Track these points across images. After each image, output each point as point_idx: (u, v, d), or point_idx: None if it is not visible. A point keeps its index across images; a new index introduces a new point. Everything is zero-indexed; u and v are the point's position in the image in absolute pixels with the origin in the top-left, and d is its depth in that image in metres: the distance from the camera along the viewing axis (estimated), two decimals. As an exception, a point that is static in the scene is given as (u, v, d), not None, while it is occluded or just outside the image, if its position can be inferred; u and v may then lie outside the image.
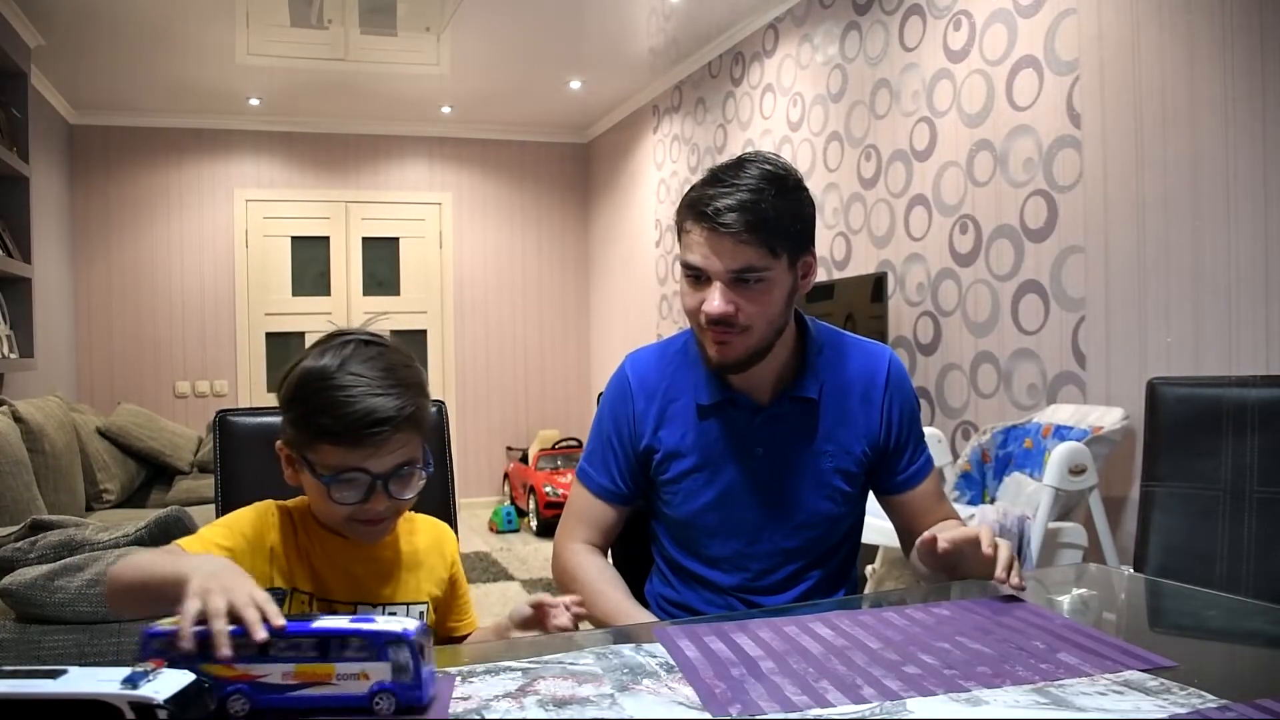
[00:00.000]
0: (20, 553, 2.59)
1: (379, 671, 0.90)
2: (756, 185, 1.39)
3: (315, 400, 1.17)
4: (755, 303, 1.42)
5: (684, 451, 1.55)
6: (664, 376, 1.60)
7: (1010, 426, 3.13)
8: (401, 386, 1.20)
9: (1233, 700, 0.91)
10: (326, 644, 0.90)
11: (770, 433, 1.54)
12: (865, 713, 0.90)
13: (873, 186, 4.13)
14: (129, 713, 0.74)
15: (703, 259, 1.41)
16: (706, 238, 1.40)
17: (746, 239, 1.37)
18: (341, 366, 1.19)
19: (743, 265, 1.39)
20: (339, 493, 1.18)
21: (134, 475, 4.92)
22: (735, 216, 1.37)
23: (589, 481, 1.63)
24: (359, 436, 1.16)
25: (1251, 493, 1.72)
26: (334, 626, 0.90)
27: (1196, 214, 2.71)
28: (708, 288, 1.42)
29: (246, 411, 1.57)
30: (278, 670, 0.89)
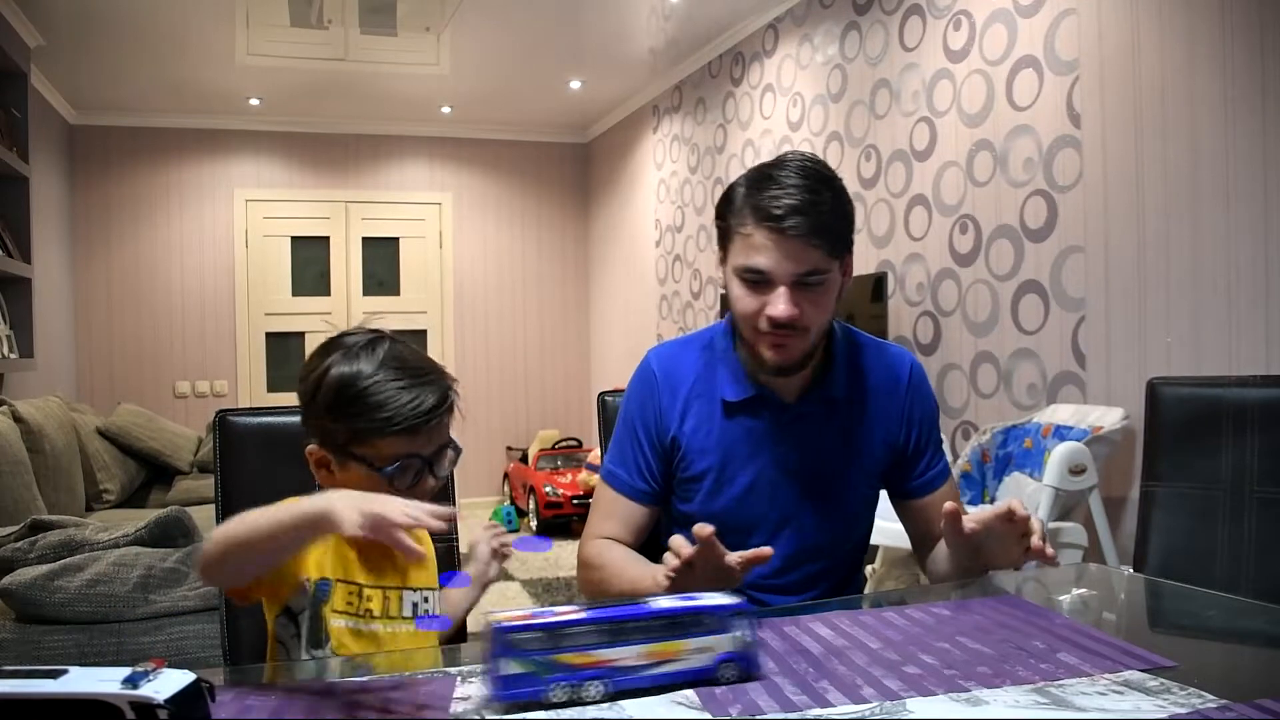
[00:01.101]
0: (20, 553, 2.60)
1: (723, 643, 0.98)
2: (814, 186, 1.40)
3: (368, 399, 1.23)
4: (816, 305, 1.42)
5: (708, 448, 1.54)
6: (690, 371, 1.58)
7: (1010, 426, 3.13)
8: (436, 374, 1.29)
9: (1233, 700, 0.91)
10: (676, 622, 0.97)
11: (796, 432, 1.54)
12: (865, 713, 0.90)
13: (873, 186, 4.13)
14: (129, 712, 0.74)
15: (769, 263, 1.40)
16: (774, 241, 1.39)
17: (814, 242, 1.38)
18: (382, 365, 1.25)
19: (808, 269, 1.40)
20: (400, 480, 1.25)
21: (134, 475, 4.92)
22: (802, 220, 1.37)
23: (617, 482, 1.59)
24: (417, 426, 1.23)
25: (1251, 493, 1.72)
26: (681, 606, 0.98)
27: (1196, 214, 2.71)
28: (768, 292, 1.41)
29: (246, 411, 1.56)
30: (633, 652, 0.95)
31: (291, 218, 7.08)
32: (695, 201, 5.83)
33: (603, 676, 0.93)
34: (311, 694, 0.97)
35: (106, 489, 4.55)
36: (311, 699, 0.95)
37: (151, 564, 2.59)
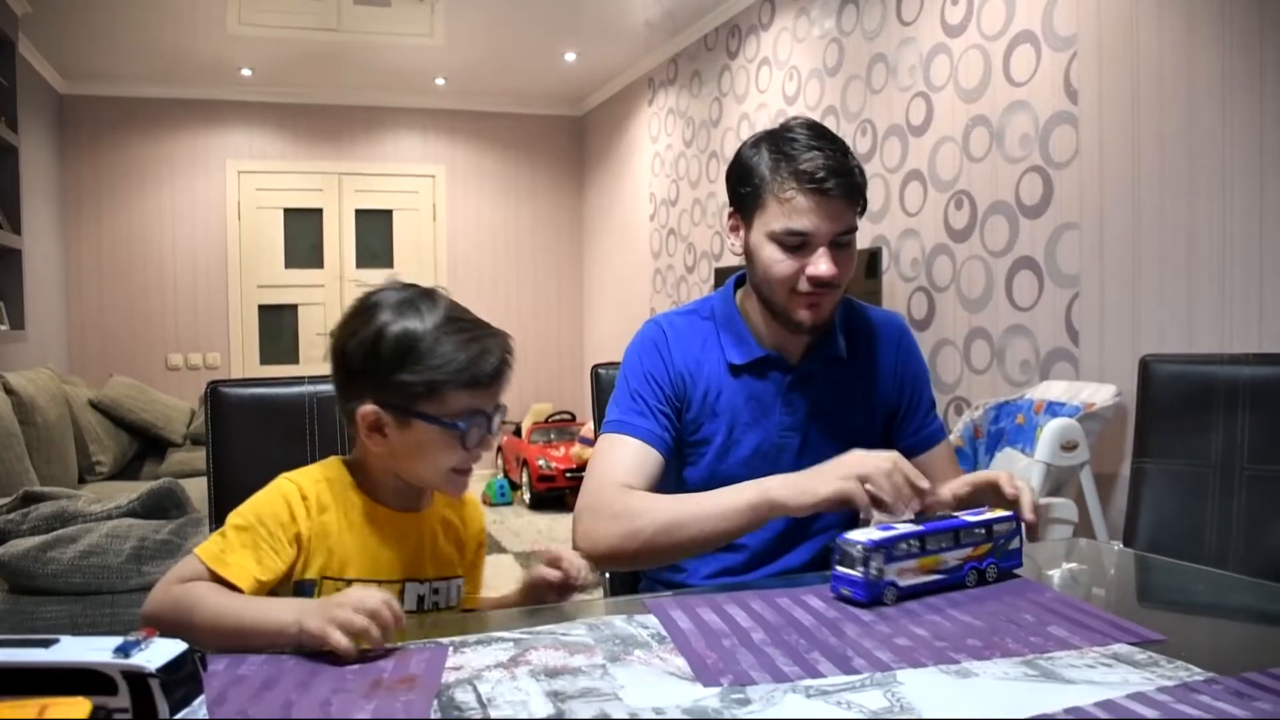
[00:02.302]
0: (13, 524, 2.60)
1: (985, 550, 1.23)
2: (838, 147, 1.44)
3: (440, 351, 1.18)
4: (847, 263, 1.47)
5: (717, 412, 1.55)
6: (696, 336, 1.58)
7: (1003, 402, 3.14)
8: (492, 330, 1.24)
9: (1220, 673, 0.91)
10: (955, 535, 1.20)
11: (801, 392, 1.56)
12: (856, 683, 0.91)
13: (868, 161, 4.12)
14: (121, 682, 0.74)
15: (812, 224, 1.42)
16: (816, 203, 1.41)
17: (850, 201, 1.43)
18: (447, 318, 1.20)
19: (845, 227, 1.44)
20: (471, 436, 1.20)
21: (126, 447, 4.92)
22: (841, 181, 1.41)
23: (636, 430, 1.50)
24: (492, 377, 1.20)
25: (1242, 470, 1.73)
26: (956, 521, 1.22)
27: (1192, 191, 2.70)
28: (807, 254, 1.44)
29: (238, 382, 1.56)
30: (913, 564, 1.17)
31: (284, 189, 7.04)
32: (690, 175, 5.81)
33: (894, 585, 1.15)
34: (303, 663, 0.97)
35: (99, 461, 4.55)
36: (303, 668, 0.96)
37: (144, 535, 2.59)
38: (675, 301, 6.01)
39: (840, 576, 1.16)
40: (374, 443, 1.21)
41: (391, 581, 1.22)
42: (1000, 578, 1.24)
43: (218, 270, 6.90)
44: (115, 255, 6.67)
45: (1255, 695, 0.86)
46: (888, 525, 1.19)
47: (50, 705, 0.67)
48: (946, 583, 1.20)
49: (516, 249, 7.56)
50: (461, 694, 0.89)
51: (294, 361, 7.08)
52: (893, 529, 1.17)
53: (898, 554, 1.16)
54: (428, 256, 7.34)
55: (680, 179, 5.94)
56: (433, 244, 7.36)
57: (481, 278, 7.41)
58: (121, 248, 6.68)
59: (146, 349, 6.75)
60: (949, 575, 1.20)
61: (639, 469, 1.47)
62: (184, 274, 6.83)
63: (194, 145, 6.82)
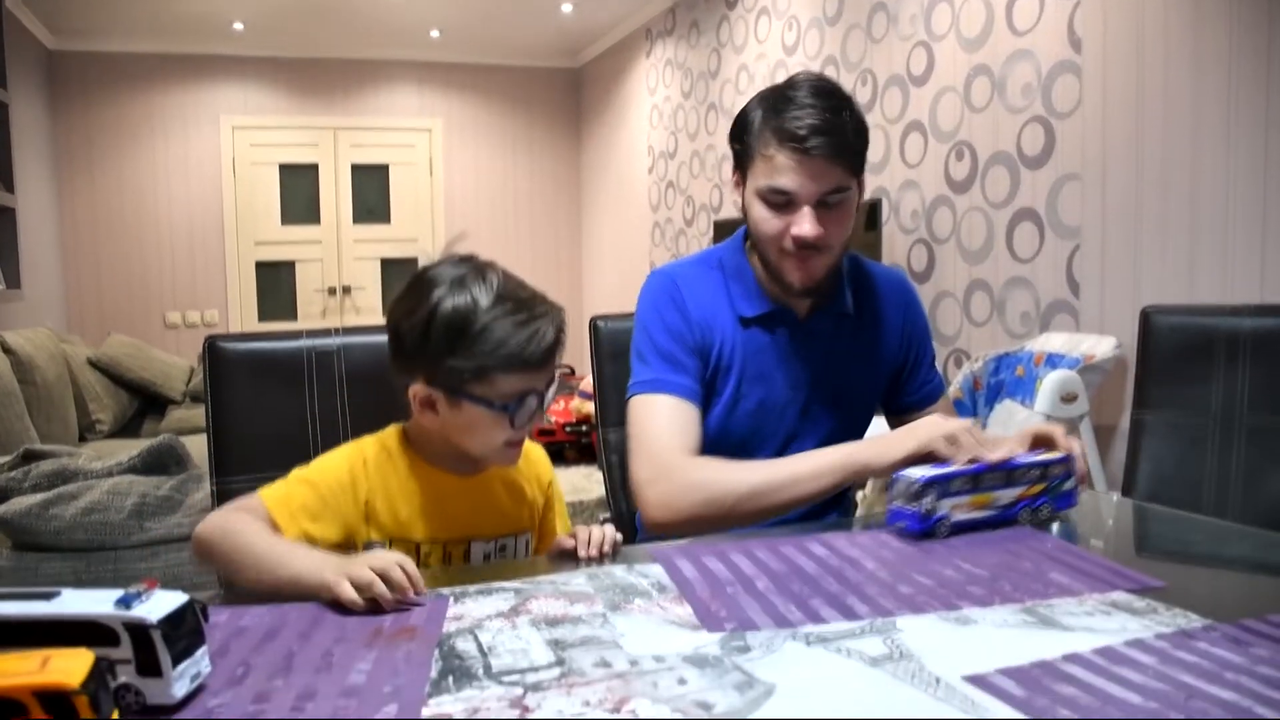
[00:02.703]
0: (14, 482, 2.60)
1: (1039, 489, 1.28)
2: (833, 105, 1.41)
3: (491, 337, 1.16)
4: (838, 223, 1.44)
5: (729, 364, 1.54)
6: (707, 288, 1.56)
7: (1002, 354, 3.13)
8: (546, 304, 1.22)
9: (1217, 621, 0.92)
10: (1009, 474, 1.25)
11: (808, 346, 1.56)
12: (856, 629, 0.91)
13: (868, 112, 4.08)
14: (124, 634, 0.74)
15: (794, 183, 1.40)
16: (797, 162, 1.39)
17: (837, 161, 1.40)
18: (498, 299, 1.18)
19: (831, 187, 1.41)
20: (520, 416, 1.20)
21: (126, 406, 4.92)
22: (825, 140, 1.38)
23: (670, 387, 1.48)
24: (542, 359, 1.19)
25: (1241, 421, 1.73)
26: (1010, 462, 1.26)
27: (1196, 142, 2.68)
28: (793, 212, 1.42)
29: (236, 337, 1.55)
30: (966, 500, 1.23)
31: (279, 145, 6.99)
32: (688, 127, 5.76)
33: (946, 519, 1.21)
34: (304, 615, 0.97)
35: (99, 419, 4.56)
36: (305, 619, 0.96)
37: (145, 492, 2.60)
38: (674, 254, 5.99)
39: (896, 511, 1.22)
40: (426, 419, 1.23)
41: (456, 540, 1.25)
42: (1053, 518, 1.29)
43: (214, 227, 6.86)
44: (111, 213, 6.63)
45: (1252, 642, 0.87)
46: (943, 464, 1.24)
47: (53, 656, 0.67)
48: (999, 518, 1.26)
49: (514, 203, 7.52)
50: (462, 644, 0.89)
51: (292, 318, 7.07)
52: (948, 466, 1.23)
53: (952, 490, 1.21)
54: (425, 211, 7.30)
55: (679, 131, 5.89)
56: (430, 198, 7.31)
57: (479, 232, 7.37)
58: (117, 206, 6.64)
59: (144, 307, 6.73)
60: (1002, 512, 1.26)
61: (688, 429, 1.46)
62: (180, 231, 6.80)
63: (187, 101, 6.75)
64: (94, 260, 6.61)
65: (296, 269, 7.09)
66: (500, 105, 7.44)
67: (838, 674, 0.82)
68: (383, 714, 0.75)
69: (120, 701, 0.74)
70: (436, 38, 6.80)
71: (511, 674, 0.82)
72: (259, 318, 7.00)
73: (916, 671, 0.82)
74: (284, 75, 6.94)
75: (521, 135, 7.52)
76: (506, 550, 1.30)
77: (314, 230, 7.08)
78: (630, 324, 1.78)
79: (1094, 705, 0.75)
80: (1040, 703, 0.75)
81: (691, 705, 0.76)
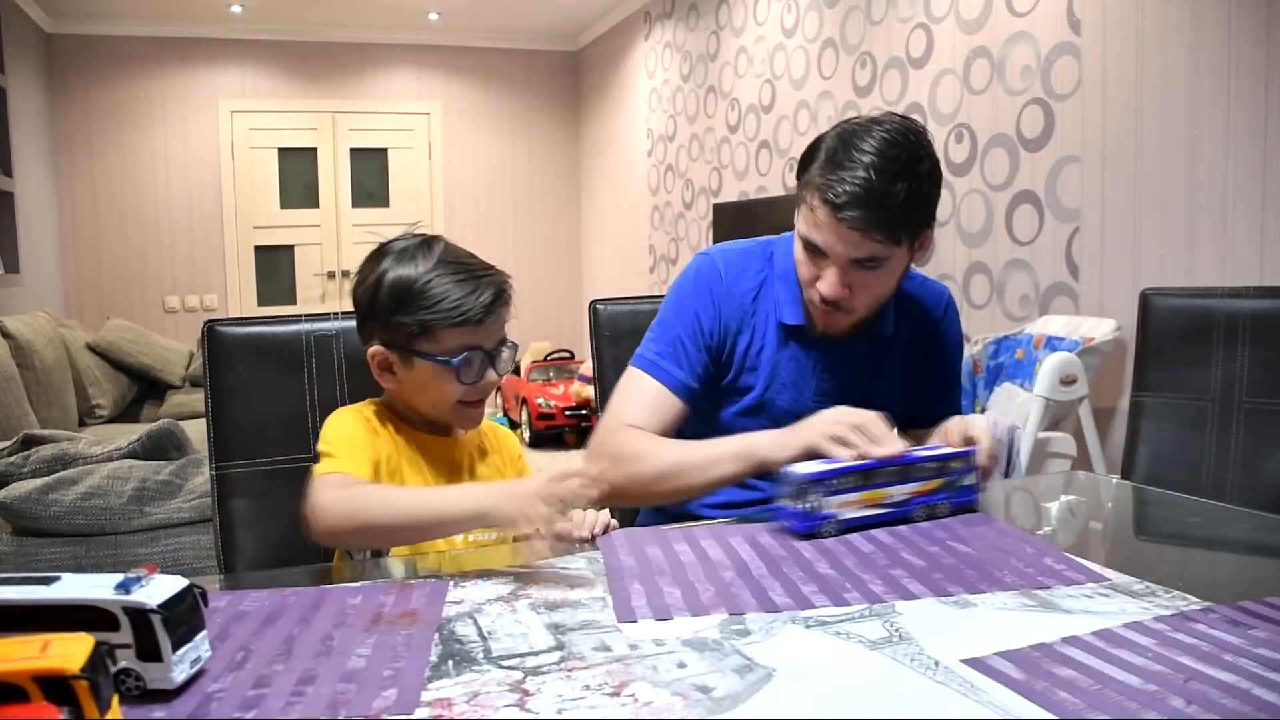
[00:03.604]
0: (14, 467, 2.60)
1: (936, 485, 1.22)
2: (889, 170, 1.31)
3: (431, 294, 1.26)
4: (870, 286, 1.39)
5: (757, 367, 1.52)
6: (751, 282, 1.54)
7: (1002, 337, 3.13)
8: (489, 269, 1.32)
9: (1216, 603, 0.92)
10: (903, 469, 1.19)
11: (842, 364, 1.52)
12: (855, 614, 0.91)
13: (867, 95, 4.06)
14: (123, 618, 0.74)
15: (825, 241, 1.35)
16: (832, 223, 1.33)
17: (874, 235, 1.32)
18: (440, 262, 1.29)
19: (865, 255, 1.35)
20: (466, 372, 1.29)
21: (125, 391, 4.92)
22: (861, 214, 1.30)
23: (663, 375, 1.49)
24: (479, 315, 1.27)
25: (1240, 403, 1.73)
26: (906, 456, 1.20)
27: (1196, 124, 2.67)
28: (825, 263, 1.38)
29: (235, 321, 1.55)
30: (856, 497, 1.17)
31: (278, 129, 6.96)
32: (687, 110, 5.74)
33: (831, 516, 1.16)
34: (304, 599, 0.97)
35: (98, 404, 4.56)
36: (304, 604, 0.96)
37: (145, 477, 2.60)
38: (674, 238, 5.98)
39: (781, 509, 1.18)
40: (386, 381, 1.33)
41: None
42: (953, 513, 1.23)
43: (213, 211, 6.84)
44: (109, 198, 6.61)
45: (1251, 624, 0.87)
46: (837, 459, 1.20)
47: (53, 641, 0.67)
48: (892, 516, 1.20)
49: (513, 186, 7.50)
50: (462, 627, 0.90)
51: (291, 302, 7.06)
52: (838, 461, 1.19)
53: (839, 487, 1.16)
54: (424, 195, 7.28)
55: (678, 114, 5.87)
56: (429, 182, 7.29)
57: (478, 215, 7.36)
58: (115, 190, 6.62)
59: (143, 292, 6.72)
60: (895, 509, 1.20)
61: (655, 413, 1.47)
62: (179, 216, 6.78)
63: (185, 85, 6.73)
64: (93, 245, 6.60)
65: (295, 253, 7.08)
66: (499, 88, 7.41)
67: (836, 657, 0.82)
68: (383, 698, 0.75)
69: (120, 686, 0.74)
70: (435, 20, 6.77)
71: (511, 658, 0.83)
72: (258, 302, 6.99)
73: (915, 654, 0.82)
74: (282, 59, 6.91)
75: (520, 118, 7.49)
76: None
77: (313, 214, 7.07)
78: (629, 307, 1.78)
79: (1093, 687, 0.75)
80: (1039, 685, 0.75)
81: (691, 689, 0.76)
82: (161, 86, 6.67)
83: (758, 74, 4.93)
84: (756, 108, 4.95)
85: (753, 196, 4.96)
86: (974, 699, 0.74)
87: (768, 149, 4.86)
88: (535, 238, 7.54)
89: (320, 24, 6.77)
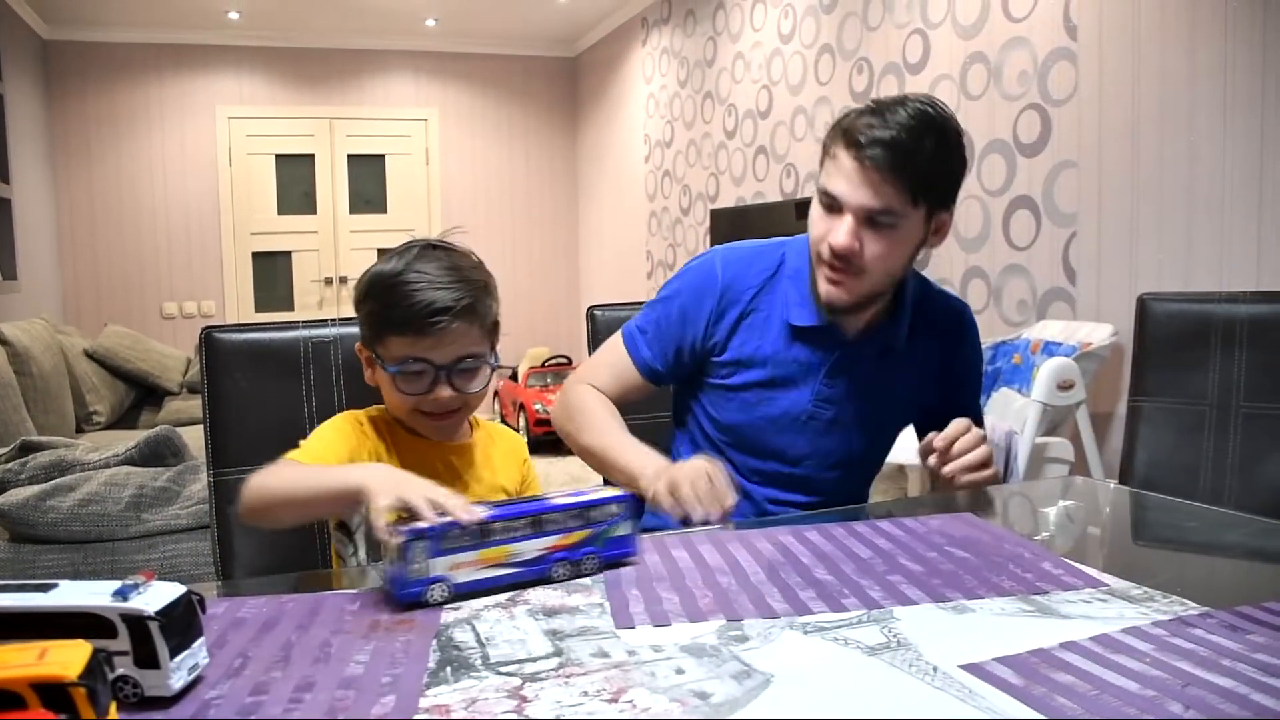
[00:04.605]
0: (11, 474, 2.60)
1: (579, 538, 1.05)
2: (915, 126, 1.33)
3: (384, 296, 1.27)
4: (881, 246, 1.37)
5: (758, 363, 1.51)
6: (755, 283, 1.54)
7: (999, 342, 3.13)
8: (462, 282, 1.28)
9: (1214, 607, 0.92)
10: (534, 521, 1.02)
11: (847, 371, 1.51)
12: (853, 619, 0.91)
13: (864, 100, 4.06)
14: (121, 625, 0.74)
15: (843, 189, 1.36)
16: (853, 168, 1.34)
17: (891, 178, 1.32)
18: (408, 266, 1.28)
19: (880, 206, 1.34)
20: (404, 383, 1.28)
21: (123, 397, 4.92)
22: (885, 154, 1.31)
23: (633, 348, 1.57)
24: (421, 326, 1.25)
25: (1238, 407, 1.73)
26: (538, 505, 1.04)
27: (1192, 129, 2.67)
28: (839, 219, 1.37)
29: (233, 328, 1.55)
30: (472, 556, 0.99)
31: (275, 135, 6.97)
32: (685, 116, 5.75)
33: (441, 580, 0.97)
34: (302, 606, 0.97)
35: (96, 411, 4.55)
36: (302, 611, 0.96)
37: (143, 483, 2.60)
38: (671, 244, 5.98)
39: (387, 572, 0.99)
40: (368, 378, 1.36)
41: None
42: (605, 568, 1.07)
43: (210, 218, 6.84)
44: (107, 204, 6.61)
45: (1248, 629, 0.87)
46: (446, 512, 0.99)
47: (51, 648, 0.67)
48: (523, 577, 1.02)
49: (511, 192, 7.50)
50: (460, 634, 0.90)
51: (289, 309, 7.06)
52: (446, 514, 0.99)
53: (448, 546, 0.97)
54: (421, 201, 7.28)
55: (675, 120, 5.88)
56: (426, 188, 7.30)
57: (476, 221, 7.36)
58: (113, 196, 6.62)
59: (141, 298, 6.72)
60: (526, 568, 1.02)
61: (616, 381, 1.58)
62: (176, 222, 6.78)
63: (182, 91, 6.73)
64: (90, 251, 6.59)
65: (293, 259, 7.08)
66: (496, 94, 7.42)
67: (834, 663, 0.82)
68: (381, 705, 0.75)
69: (118, 693, 0.74)
70: (432, 26, 6.78)
71: (509, 664, 0.82)
72: (255, 308, 6.99)
73: (914, 660, 0.82)
74: (279, 65, 6.91)
75: (518, 124, 7.50)
76: None
77: (310, 220, 7.07)
78: (627, 313, 1.78)
79: (1091, 693, 0.75)
80: (1037, 690, 0.75)
81: (689, 694, 0.76)
82: (159, 93, 6.68)
83: (755, 80, 4.93)
84: (754, 113, 4.96)
85: (750, 202, 4.97)
86: (972, 704, 0.74)
87: (765, 154, 4.86)
88: (533, 243, 7.54)
89: (317, 30, 6.78)
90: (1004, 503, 1.49)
